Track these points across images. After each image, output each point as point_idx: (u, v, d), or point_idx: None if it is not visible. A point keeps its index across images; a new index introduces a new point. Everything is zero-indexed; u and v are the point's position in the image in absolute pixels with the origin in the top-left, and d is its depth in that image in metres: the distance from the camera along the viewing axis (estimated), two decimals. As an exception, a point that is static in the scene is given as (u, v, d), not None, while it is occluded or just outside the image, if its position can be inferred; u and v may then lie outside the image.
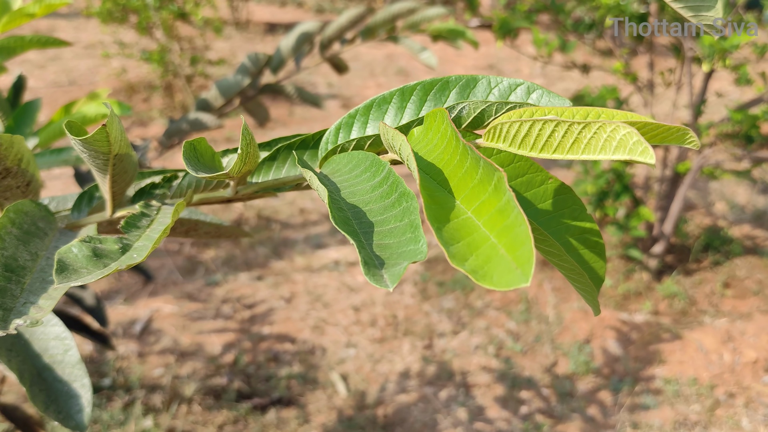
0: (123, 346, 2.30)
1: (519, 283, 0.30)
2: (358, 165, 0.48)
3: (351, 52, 5.99)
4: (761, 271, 2.84)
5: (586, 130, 0.38)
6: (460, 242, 0.34)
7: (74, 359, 0.60)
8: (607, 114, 0.45)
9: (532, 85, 0.52)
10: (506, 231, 0.33)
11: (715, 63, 2.35)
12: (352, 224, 0.41)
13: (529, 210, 0.54)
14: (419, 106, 0.54)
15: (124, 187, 0.60)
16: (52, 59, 5.36)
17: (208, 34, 5.31)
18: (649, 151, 0.34)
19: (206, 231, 0.71)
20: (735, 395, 2.17)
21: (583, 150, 0.38)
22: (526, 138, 0.41)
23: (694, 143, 0.42)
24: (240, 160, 0.49)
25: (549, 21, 6.46)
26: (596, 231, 0.54)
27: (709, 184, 3.59)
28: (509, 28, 2.66)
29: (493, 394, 2.16)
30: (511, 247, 0.32)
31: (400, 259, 0.36)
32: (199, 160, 0.52)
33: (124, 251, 0.47)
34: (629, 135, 0.36)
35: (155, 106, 4.56)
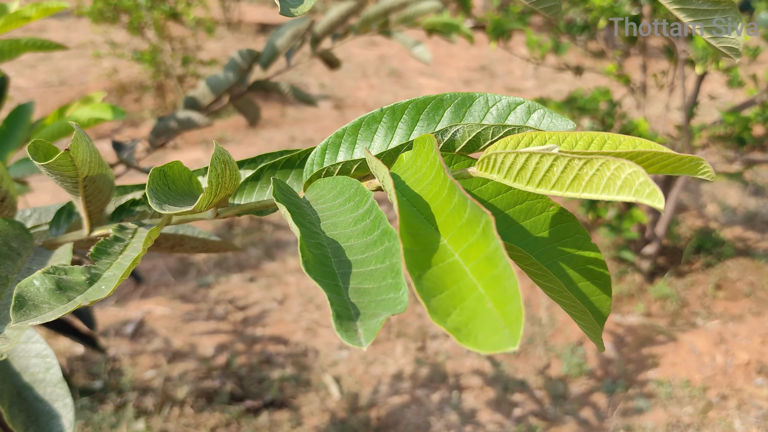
0: (114, 348, 2.28)
1: (507, 345, 0.27)
2: (342, 192, 0.44)
3: (343, 53, 5.99)
4: (753, 272, 2.84)
5: (588, 167, 0.34)
6: (444, 293, 0.30)
7: (56, 378, 0.57)
8: (613, 140, 0.42)
9: (533, 104, 0.49)
10: (495, 282, 0.29)
11: (708, 65, 2.35)
12: (331, 264, 0.37)
13: (528, 239, 0.51)
14: (411, 126, 0.50)
15: (101, 206, 0.57)
16: (42, 59, 5.33)
17: (200, 35, 5.29)
18: (657, 194, 0.31)
19: (193, 246, 0.69)
20: (727, 397, 2.17)
21: (584, 188, 0.35)
22: (522, 171, 0.38)
23: (709, 174, 0.40)
24: (209, 194, 0.44)
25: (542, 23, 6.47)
26: (601, 261, 0.51)
27: (701, 186, 3.61)
28: (502, 29, 2.66)
29: (486, 397, 2.15)
30: (500, 302, 0.28)
31: (378, 309, 0.33)
32: (171, 188, 0.48)
33: (91, 282, 0.44)
34: (635, 175, 0.33)
35: (147, 107, 4.54)
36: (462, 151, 0.48)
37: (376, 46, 6.33)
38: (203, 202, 0.44)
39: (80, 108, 0.97)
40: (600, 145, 0.42)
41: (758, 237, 3.16)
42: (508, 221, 0.50)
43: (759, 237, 3.16)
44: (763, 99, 2.50)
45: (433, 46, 6.33)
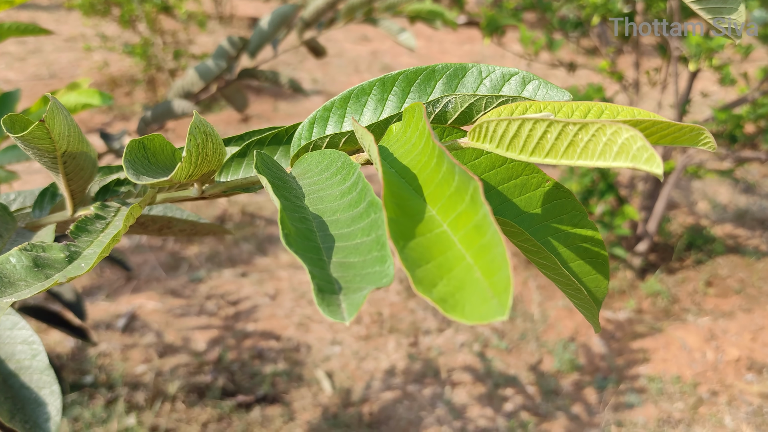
0: (105, 342, 2.27)
1: (495, 315, 0.26)
2: (329, 166, 0.43)
3: (335, 48, 5.97)
4: (743, 269, 2.86)
5: (583, 132, 0.33)
6: (430, 263, 0.29)
7: (43, 365, 0.56)
8: (611, 110, 0.41)
9: (527, 75, 0.48)
10: (483, 251, 0.28)
11: (701, 62, 2.36)
12: (315, 238, 0.36)
13: (523, 216, 0.49)
14: (402, 98, 0.49)
15: (83, 185, 0.56)
16: (32, 52, 5.29)
17: (192, 28, 5.27)
18: (656, 158, 0.30)
19: (181, 229, 0.67)
20: (718, 393, 2.18)
21: (579, 155, 0.33)
22: (515, 139, 0.36)
23: (710, 144, 0.38)
24: (187, 164, 0.42)
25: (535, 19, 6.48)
26: (599, 240, 0.49)
27: (692, 184, 3.62)
28: (496, 25, 2.65)
29: (478, 392, 2.16)
30: (488, 271, 0.27)
31: (363, 282, 0.32)
32: (151, 161, 0.46)
33: (70, 260, 0.42)
34: (633, 139, 0.31)
35: (138, 100, 4.51)
36: (454, 123, 0.46)
37: (368, 41, 6.32)
38: (182, 172, 0.43)
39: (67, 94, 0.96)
40: (597, 115, 0.41)
41: (748, 234, 3.18)
42: (502, 197, 0.49)
43: (749, 234, 3.18)
44: (754, 97, 2.51)
45: (425, 42, 6.33)
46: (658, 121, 0.37)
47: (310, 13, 1.38)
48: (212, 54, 1.33)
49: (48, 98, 0.98)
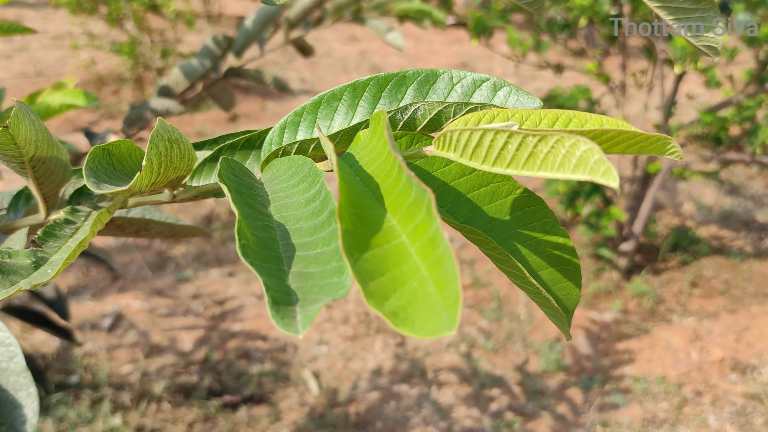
0: (91, 342, 2.26)
1: (444, 330, 0.26)
2: (296, 173, 0.43)
3: (324, 48, 5.97)
4: (727, 270, 2.88)
5: (543, 144, 0.33)
6: (385, 275, 0.29)
7: (20, 367, 0.55)
8: (579, 119, 0.41)
9: (498, 81, 0.48)
10: (437, 263, 0.28)
11: (687, 65, 2.38)
12: (278, 247, 0.35)
13: (493, 223, 0.49)
14: (372, 104, 0.48)
15: (55, 188, 0.55)
16: (18, 50, 5.25)
17: (180, 27, 5.25)
18: (612, 172, 0.30)
19: (159, 231, 0.67)
20: (702, 393, 2.20)
21: (539, 166, 0.34)
22: (478, 149, 0.36)
23: (677, 154, 0.39)
24: (148, 173, 0.41)
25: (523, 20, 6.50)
26: (570, 248, 0.49)
27: (678, 185, 3.64)
28: (484, 26, 2.66)
29: (464, 392, 2.16)
30: (441, 285, 0.27)
31: (320, 293, 0.31)
32: (116, 167, 0.45)
33: (37, 266, 0.42)
34: (590, 152, 0.31)
35: (125, 99, 4.49)
36: (424, 130, 0.46)
37: (357, 41, 6.32)
38: (142, 182, 0.42)
39: (52, 94, 0.95)
40: (566, 123, 0.41)
41: (733, 235, 3.21)
42: (471, 204, 0.49)
43: (734, 235, 3.21)
44: (739, 99, 2.53)
45: (414, 43, 6.34)
46: (624, 130, 0.37)
47: (297, 12, 1.38)
48: (197, 53, 1.33)
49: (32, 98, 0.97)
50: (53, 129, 3.90)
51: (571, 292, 0.50)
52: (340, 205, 0.32)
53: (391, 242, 0.31)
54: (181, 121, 4.15)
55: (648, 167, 2.67)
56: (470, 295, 2.67)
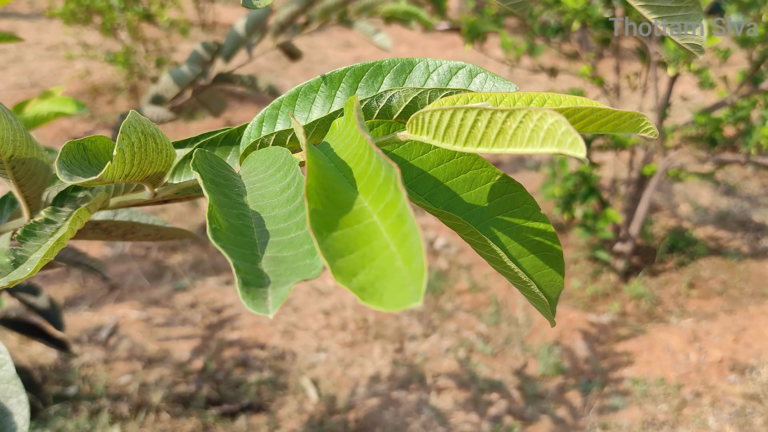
0: (88, 353, 2.25)
1: (410, 302, 0.26)
2: (273, 163, 0.43)
3: (318, 54, 5.97)
4: (725, 271, 2.88)
5: (511, 119, 0.33)
6: (354, 253, 0.29)
7: (9, 374, 0.55)
8: (554, 99, 0.41)
9: (474, 68, 0.47)
10: (404, 238, 0.28)
11: (680, 67, 2.38)
12: (252, 234, 0.36)
13: (473, 210, 0.48)
14: (350, 94, 0.48)
15: (37, 191, 0.55)
16: (13, 61, 5.25)
17: (174, 36, 5.25)
18: (579, 143, 0.30)
19: (145, 233, 0.67)
20: (701, 394, 2.20)
21: (509, 142, 0.33)
22: (449, 129, 0.36)
23: (651, 131, 0.39)
24: (120, 163, 0.41)
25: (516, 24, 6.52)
26: (551, 234, 0.49)
27: (674, 186, 3.65)
28: (477, 31, 2.67)
29: (463, 397, 2.16)
30: (408, 258, 0.28)
31: (292, 275, 0.32)
32: (92, 162, 0.45)
33: (16, 265, 0.42)
34: (557, 124, 0.31)
35: (120, 108, 4.49)
36: (400, 118, 0.46)
37: (352, 47, 6.33)
38: (113, 172, 0.41)
39: (40, 103, 0.95)
40: (540, 104, 0.41)
41: (730, 236, 3.21)
42: (450, 192, 0.49)
43: (730, 236, 3.21)
44: (733, 100, 2.54)
45: (408, 48, 6.35)
46: (597, 108, 0.37)
47: (284, 16, 1.38)
48: (187, 59, 1.33)
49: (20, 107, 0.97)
50: (48, 140, 3.90)
51: (554, 279, 0.50)
52: (308, 185, 0.32)
53: (362, 222, 0.31)
54: (177, 129, 4.15)
55: (643, 169, 2.68)
56: (468, 300, 2.67)
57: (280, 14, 1.38)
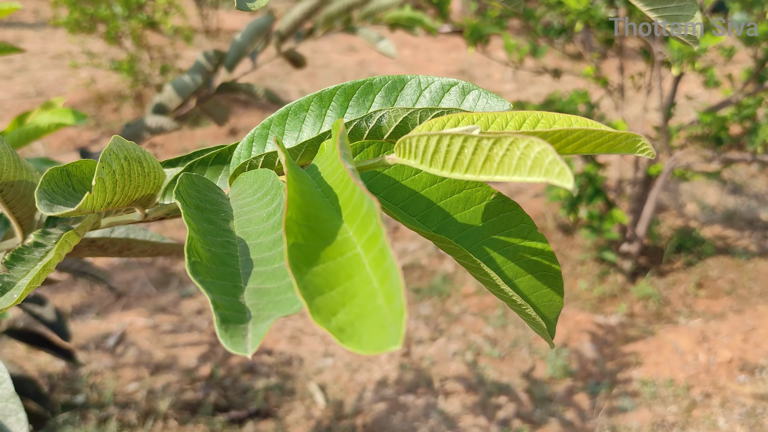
0: (96, 361, 2.26)
1: (390, 344, 0.25)
2: (261, 186, 0.42)
3: (322, 59, 5.98)
4: (733, 270, 2.87)
5: (497, 147, 0.32)
6: (334, 290, 0.28)
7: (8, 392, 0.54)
8: (547, 119, 0.40)
9: (467, 85, 0.46)
10: (387, 274, 0.27)
11: (684, 66, 2.37)
12: (236, 263, 0.34)
13: (468, 231, 0.47)
14: (340, 113, 0.47)
15: (28, 212, 0.54)
16: (18, 70, 5.27)
17: (178, 43, 5.27)
18: (566, 173, 0.29)
19: (142, 250, 0.66)
20: (711, 395, 2.19)
21: (496, 170, 0.33)
22: (436, 155, 0.35)
23: (648, 152, 0.38)
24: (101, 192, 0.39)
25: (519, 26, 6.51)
26: (549, 252, 0.48)
27: (680, 186, 3.63)
28: (480, 34, 2.66)
29: (471, 401, 2.15)
30: (389, 296, 0.26)
31: (274, 310, 0.31)
32: (76, 189, 0.43)
33: (3, 291, 0.41)
34: (544, 153, 0.31)
35: (125, 116, 4.50)
36: (391, 138, 0.45)
37: (355, 51, 6.33)
38: (93, 202, 0.39)
39: (41, 114, 0.95)
40: (533, 124, 0.40)
41: (737, 235, 3.19)
42: (443, 213, 0.48)
43: (738, 235, 3.19)
44: (738, 99, 2.52)
45: (411, 51, 6.35)
46: (591, 129, 0.36)
47: (287, 24, 1.38)
48: (189, 69, 1.33)
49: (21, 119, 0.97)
50: (54, 148, 3.91)
51: (552, 299, 0.49)
52: (287, 217, 0.31)
53: (345, 254, 0.30)
54: (182, 136, 4.16)
55: (649, 169, 2.67)
56: (475, 303, 2.66)
57: (283, 22, 1.38)
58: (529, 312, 0.46)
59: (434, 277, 2.81)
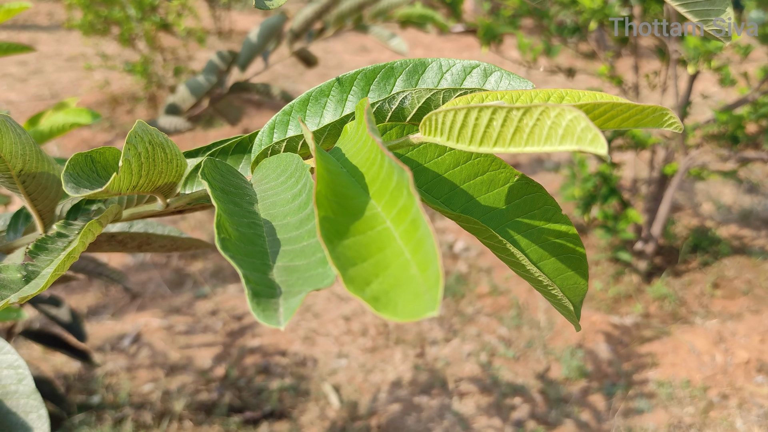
0: (111, 362, 2.27)
1: (426, 311, 0.25)
2: (285, 170, 0.42)
3: (334, 59, 5.99)
4: (749, 270, 2.84)
5: (528, 117, 0.32)
6: (367, 261, 0.28)
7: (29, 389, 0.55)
8: (572, 96, 0.40)
9: (489, 66, 0.46)
10: (420, 245, 0.27)
11: (700, 65, 2.35)
12: (263, 243, 0.35)
13: (492, 213, 0.47)
14: (362, 97, 0.47)
15: (50, 204, 0.55)
16: (33, 72, 5.31)
17: (191, 44, 5.28)
18: (600, 139, 0.29)
19: (161, 244, 0.67)
20: (728, 396, 2.17)
21: (526, 141, 0.32)
22: (463, 129, 0.35)
23: (676, 125, 0.37)
24: (127, 174, 0.40)
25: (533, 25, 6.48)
26: (574, 235, 0.47)
27: (696, 185, 3.61)
28: (493, 33, 2.65)
29: (486, 402, 2.14)
30: (423, 266, 0.26)
31: (305, 285, 0.31)
32: (100, 174, 0.44)
33: (28, 280, 0.41)
34: (576, 120, 0.30)
35: (139, 118, 4.52)
36: (413, 120, 0.45)
37: (367, 51, 6.33)
38: (120, 183, 0.40)
39: (54, 114, 0.96)
40: (558, 100, 0.40)
41: (754, 234, 3.16)
42: (467, 195, 0.47)
43: (755, 234, 3.16)
44: (755, 97, 2.50)
45: (424, 51, 6.34)
46: (618, 102, 0.35)
47: (299, 24, 1.38)
48: (203, 69, 1.33)
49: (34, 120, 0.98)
50: (69, 150, 3.94)
51: (577, 282, 0.48)
52: (317, 192, 0.31)
53: (375, 228, 0.30)
54: (195, 137, 4.17)
55: (665, 168, 2.65)
56: (489, 303, 2.65)
57: (295, 21, 1.38)
58: (555, 293, 0.46)
59: (448, 277, 2.81)
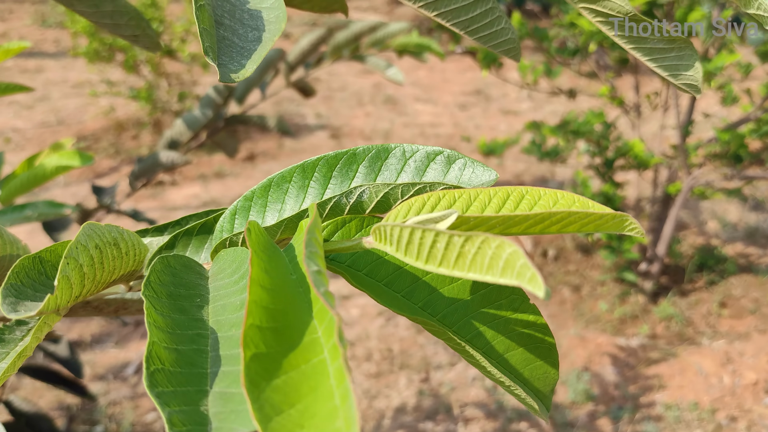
0: (115, 391, 2.26)
1: None
2: (238, 268, 0.39)
3: (338, 82, 6.01)
4: (757, 289, 2.82)
5: (469, 244, 0.31)
6: (294, 407, 0.25)
7: None
8: (532, 195, 0.39)
9: (453, 154, 0.45)
10: (347, 395, 0.24)
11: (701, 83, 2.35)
12: (204, 362, 0.31)
13: (456, 305, 0.45)
14: (323, 184, 0.46)
15: None
16: (39, 99, 5.36)
17: (196, 70, 5.32)
18: (537, 279, 0.28)
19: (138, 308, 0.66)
20: (737, 419, 2.14)
21: (469, 267, 0.31)
22: (410, 246, 0.34)
23: (637, 230, 0.37)
24: (66, 289, 0.35)
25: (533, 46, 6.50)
26: (542, 325, 0.45)
27: (701, 203, 3.59)
28: (493, 57, 2.66)
29: (491, 427, 2.13)
30: (348, 421, 0.24)
31: (236, 422, 0.27)
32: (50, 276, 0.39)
33: None
34: (515, 255, 0.29)
35: (144, 143, 4.55)
36: (374, 212, 0.44)
37: (371, 73, 6.36)
38: (56, 301, 0.34)
39: (49, 156, 0.96)
40: (517, 201, 0.39)
41: (760, 252, 3.14)
42: (430, 288, 0.46)
43: (761, 252, 3.14)
44: (757, 115, 2.49)
45: (427, 72, 6.37)
46: (574, 211, 0.35)
47: (295, 55, 1.39)
48: (200, 103, 1.34)
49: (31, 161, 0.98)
50: (75, 177, 3.96)
51: (547, 371, 0.47)
52: (247, 326, 0.27)
53: (311, 361, 0.27)
54: (200, 162, 4.19)
55: (668, 188, 2.64)
56: (494, 326, 2.63)
57: (291, 54, 1.39)
58: (518, 393, 0.45)
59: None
